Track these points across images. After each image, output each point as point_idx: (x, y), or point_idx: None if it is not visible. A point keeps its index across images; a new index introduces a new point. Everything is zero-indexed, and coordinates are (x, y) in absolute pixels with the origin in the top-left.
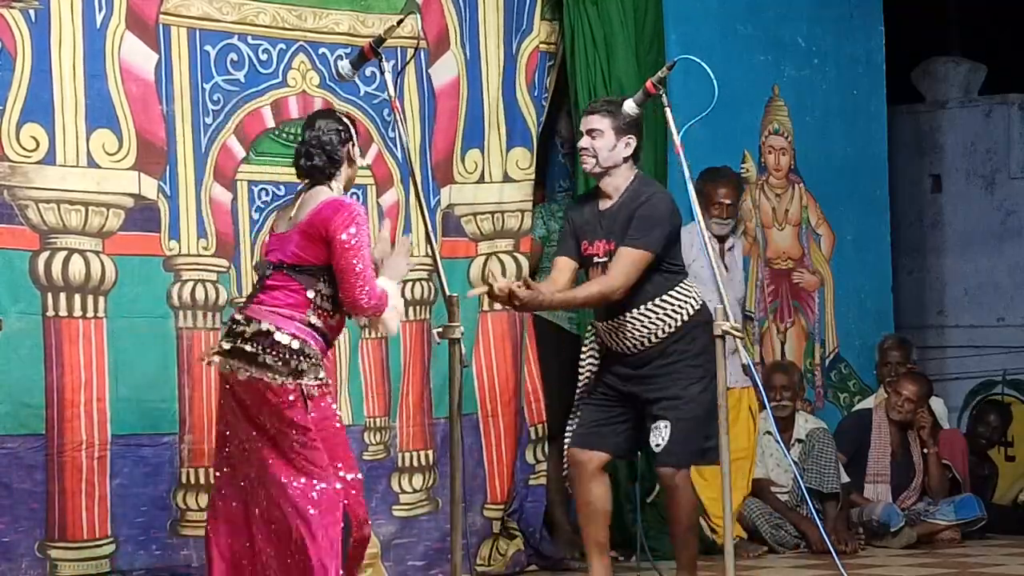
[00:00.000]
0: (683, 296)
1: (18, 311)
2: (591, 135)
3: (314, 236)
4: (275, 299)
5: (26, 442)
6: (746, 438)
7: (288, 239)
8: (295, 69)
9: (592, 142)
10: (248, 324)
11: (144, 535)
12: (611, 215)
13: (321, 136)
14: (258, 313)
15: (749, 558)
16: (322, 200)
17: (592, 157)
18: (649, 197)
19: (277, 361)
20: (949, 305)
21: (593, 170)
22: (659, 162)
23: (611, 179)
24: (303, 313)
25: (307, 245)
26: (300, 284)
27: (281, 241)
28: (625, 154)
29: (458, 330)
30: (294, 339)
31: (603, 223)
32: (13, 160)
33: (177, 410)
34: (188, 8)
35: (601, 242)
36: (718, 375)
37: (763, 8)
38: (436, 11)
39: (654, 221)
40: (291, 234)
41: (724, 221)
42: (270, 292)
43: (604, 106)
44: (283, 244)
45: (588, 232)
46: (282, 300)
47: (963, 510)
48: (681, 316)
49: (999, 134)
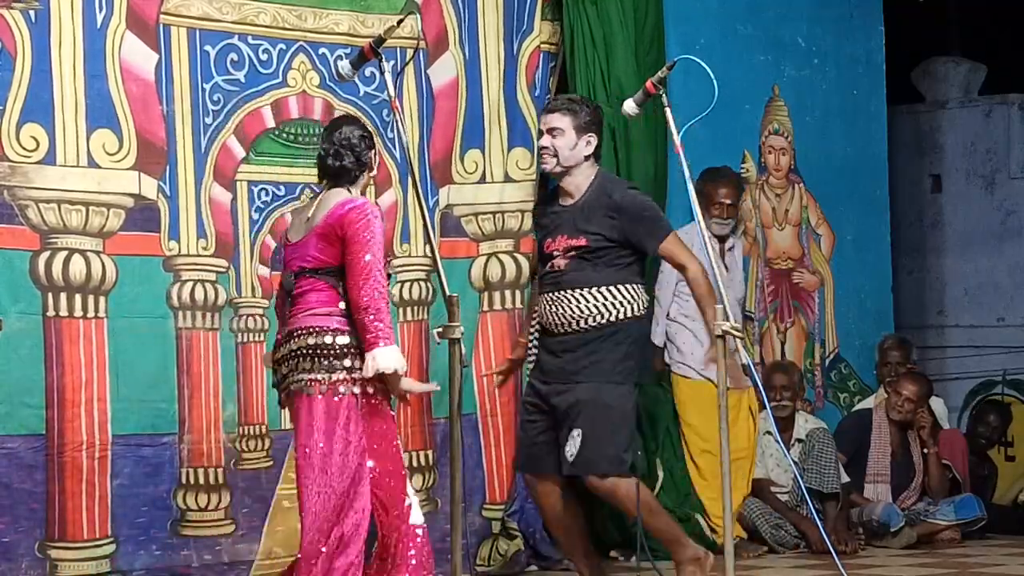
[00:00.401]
0: (629, 296)
1: (18, 311)
2: (551, 134)
3: (331, 237)
4: (307, 303)
5: (26, 442)
6: (746, 438)
7: (306, 244)
8: (295, 69)
9: (552, 141)
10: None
11: (144, 535)
12: (574, 211)
13: (351, 138)
14: (298, 322)
15: (749, 558)
16: (336, 201)
17: (552, 156)
18: (624, 196)
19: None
20: (949, 305)
21: (553, 169)
22: (659, 162)
23: (572, 178)
24: (336, 306)
25: (325, 247)
26: (326, 283)
27: (298, 249)
28: (586, 152)
29: (458, 330)
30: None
31: (564, 219)
32: (13, 160)
33: (176, 410)
34: (188, 8)
35: (562, 238)
36: (718, 375)
37: (763, 8)
38: (435, 11)
39: (650, 214)
40: (308, 239)
41: (724, 221)
42: (300, 300)
43: (564, 104)
44: (301, 251)
45: (550, 230)
46: (314, 301)
47: (963, 510)
48: (617, 313)
49: (999, 134)
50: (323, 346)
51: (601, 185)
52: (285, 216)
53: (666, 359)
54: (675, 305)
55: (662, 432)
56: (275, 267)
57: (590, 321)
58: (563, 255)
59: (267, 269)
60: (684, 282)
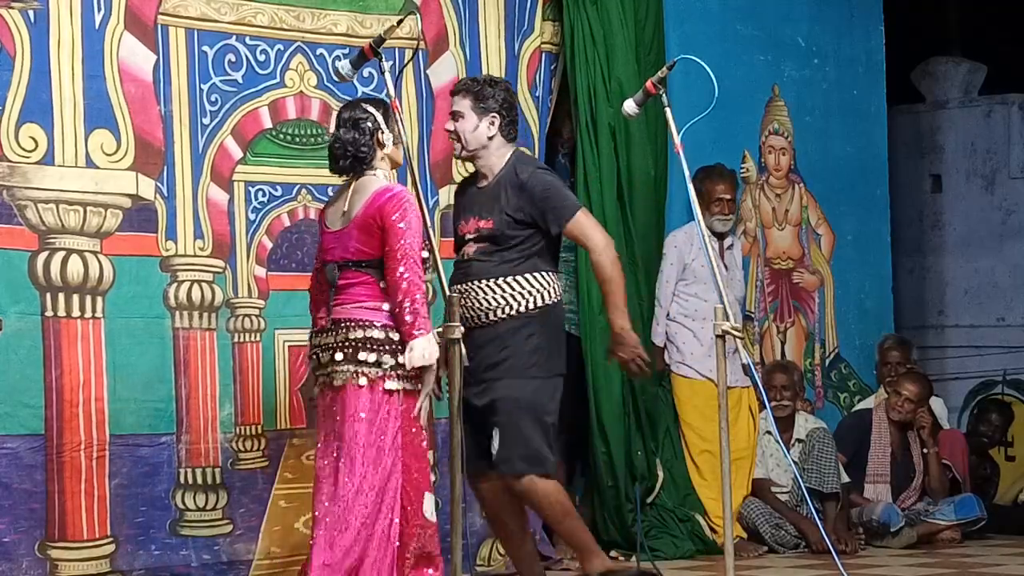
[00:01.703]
0: (538, 285)
1: (17, 311)
2: (454, 117)
3: (371, 228)
4: (354, 296)
5: (25, 442)
6: (746, 438)
7: (347, 236)
8: (293, 70)
9: (455, 124)
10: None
11: (143, 535)
12: (486, 193)
13: (343, 135)
14: (346, 313)
15: (749, 558)
16: (373, 191)
17: (456, 141)
18: (530, 176)
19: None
20: (949, 305)
21: (460, 154)
22: (659, 162)
23: (483, 160)
24: (384, 301)
25: (367, 239)
26: (371, 277)
27: (340, 239)
28: (489, 134)
29: (458, 330)
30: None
31: (477, 201)
32: (12, 160)
33: (174, 410)
34: (186, 9)
35: (473, 219)
36: (717, 375)
37: (763, 8)
38: (435, 11)
39: (554, 192)
40: (349, 230)
41: (726, 217)
42: (346, 292)
43: (465, 86)
44: (343, 242)
45: (464, 212)
46: (362, 294)
47: (963, 510)
48: (526, 302)
49: (999, 134)
50: (373, 340)
51: (513, 166)
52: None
53: (666, 359)
54: (675, 305)
55: (662, 432)
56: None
57: (499, 313)
58: (474, 240)
59: (264, 270)
60: (684, 282)
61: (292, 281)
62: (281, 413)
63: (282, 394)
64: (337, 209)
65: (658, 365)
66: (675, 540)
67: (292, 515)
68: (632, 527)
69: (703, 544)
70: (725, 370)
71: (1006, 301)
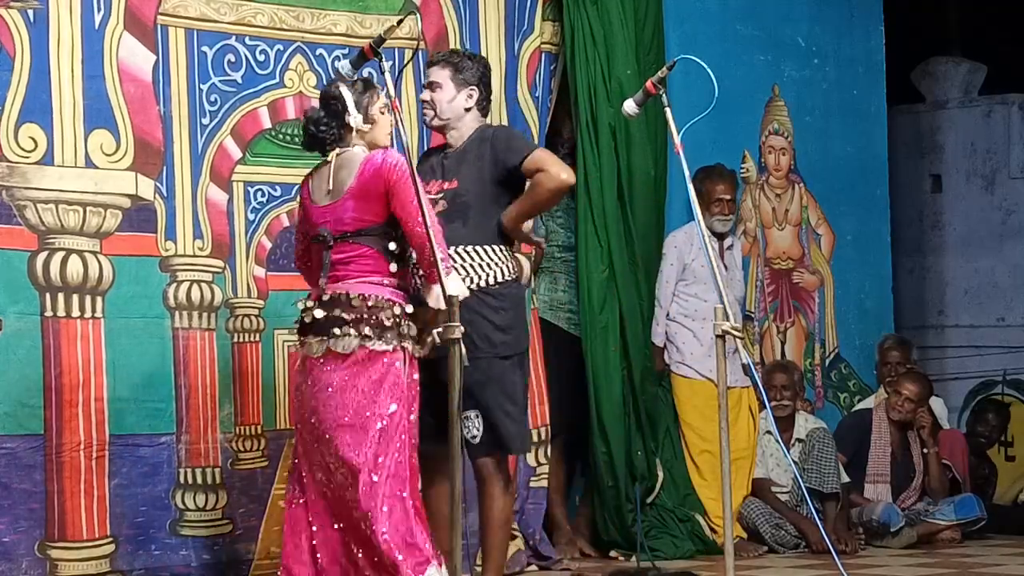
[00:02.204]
0: (498, 258)
1: (16, 311)
2: (431, 88)
3: (371, 194)
4: (358, 270)
5: (25, 442)
6: (746, 438)
7: (341, 208)
8: (292, 70)
9: (432, 95)
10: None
11: (143, 535)
12: (454, 156)
13: (311, 114)
14: (347, 287)
15: (749, 558)
16: (360, 161)
17: (431, 109)
18: (496, 128)
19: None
20: (949, 305)
21: (432, 123)
22: (659, 162)
23: (455, 131)
24: (387, 274)
25: (366, 206)
26: (372, 248)
27: (331, 212)
28: (466, 106)
29: (458, 330)
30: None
31: (444, 164)
32: (11, 160)
33: (174, 410)
34: (186, 9)
35: (436, 182)
36: (717, 375)
37: (763, 8)
38: (435, 11)
39: (517, 134)
40: (343, 202)
41: (726, 217)
42: (346, 265)
43: (444, 57)
44: (336, 213)
45: (427, 176)
46: (365, 268)
47: (963, 510)
48: (488, 276)
49: (999, 134)
50: (385, 315)
51: (481, 131)
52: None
53: (666, 359)
54: (675, 305)
55: (662, 432)
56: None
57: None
58: (437, 197)
59: (263, 270)
60: (684, 282)
61: (292, 281)
62: (281, 413)
63: (282, 394)
64: (320, 185)
65: (658, 365)
66: (675, 540)
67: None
68: (632, 527)
69: (703, 544)
70: (725, 370)
71: (1006, 301)
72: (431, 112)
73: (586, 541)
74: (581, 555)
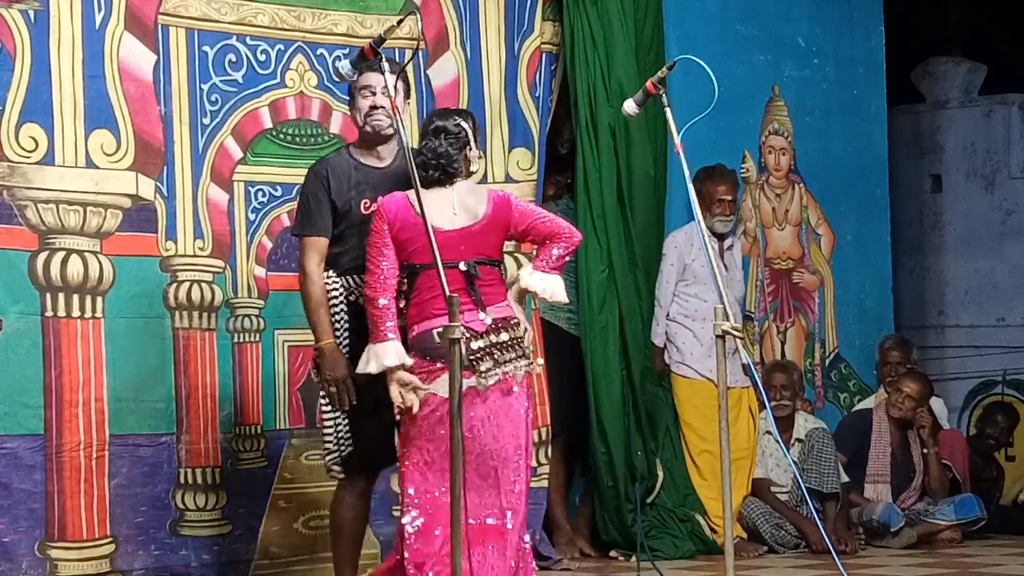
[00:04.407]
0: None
1: (17, 311)
2: (385, 94)
3: (500, 227)
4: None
5: (25, 442)
6: (746, 438)
7: (481, 235)
8: (293, 70)
9: (392, 101)
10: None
11: (143, 535)
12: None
13: (436, 146)
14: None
15: (749, 558)
16: (484, 192)
17: (388, 116)
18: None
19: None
20: (949, 305)
21: (387, 130)
22: (659, 162)
23: (392, 144)
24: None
25: (497, 238)
26: (500, 275)
27: (470, 238)
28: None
29: (458, 330)
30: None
31: (380, 182)
32: (12, 160)
33: (174, 410)
34: (187, 9)
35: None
36: (717, 375)
37: (763, 8)
38: (435, 11)
39: None
40: (482, 229)
41: (727, 218)
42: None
43: (393, 69)
44: (476, 240)
45: (368, 191)
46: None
47: (963, 510)
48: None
49: (999, 134)
50: (519, 338)
51: (400, 152)
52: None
53: (666, 359)
54: (675, 305)
55: (662, 432)
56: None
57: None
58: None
59: (263, 270)
60: (684, 282)
61: (292, 281)
62: (280, 413)
63: (281, 394)
64: (444, 212)
65: (658, 365)
66: (675, 540)
67: (292, 515)
68: (632, 527)
69: (703, 544)
70: (725, 370)
71: (1006, 301)
72: (387, 119)
73: (586, 541)
74: (581, 555)
